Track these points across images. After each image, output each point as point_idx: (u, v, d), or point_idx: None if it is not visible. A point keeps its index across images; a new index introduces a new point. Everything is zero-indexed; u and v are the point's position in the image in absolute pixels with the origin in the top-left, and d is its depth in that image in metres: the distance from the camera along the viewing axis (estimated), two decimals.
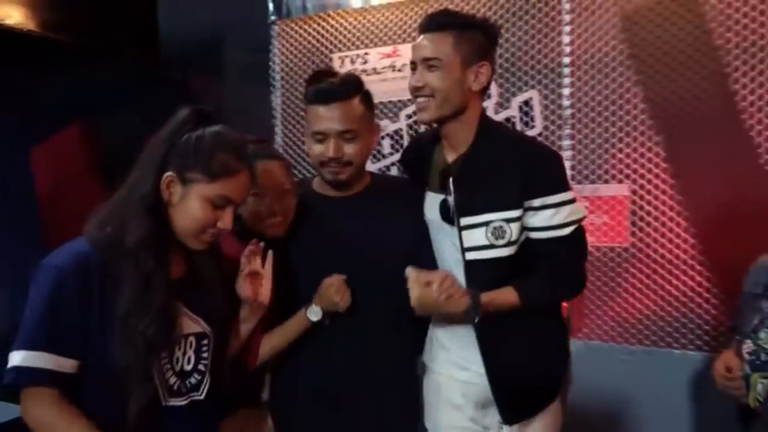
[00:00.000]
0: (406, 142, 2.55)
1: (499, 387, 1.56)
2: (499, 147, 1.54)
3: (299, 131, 2.66)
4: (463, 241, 1.52)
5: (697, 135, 1.96)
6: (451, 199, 1.54)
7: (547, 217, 1.49)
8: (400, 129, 2.60)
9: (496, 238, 1.51)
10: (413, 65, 1.54)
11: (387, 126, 2.59)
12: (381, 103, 2.53)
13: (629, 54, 2.00)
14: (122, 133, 3.24)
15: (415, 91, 1.54)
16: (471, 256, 1.52)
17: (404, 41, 2.48)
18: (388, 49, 2.59)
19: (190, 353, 1.25)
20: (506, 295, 1.51)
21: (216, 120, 1.24)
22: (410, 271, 1.46)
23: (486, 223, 1.51)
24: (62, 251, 1.19)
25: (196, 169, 1.19)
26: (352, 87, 1.54)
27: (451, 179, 1.54)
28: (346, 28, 2.55)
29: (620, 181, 2.11)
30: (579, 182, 2.13)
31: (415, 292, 1.42)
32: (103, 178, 3.52)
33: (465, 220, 1.51)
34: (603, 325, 2.11)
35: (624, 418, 2.07)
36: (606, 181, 2.12)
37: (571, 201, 1.51)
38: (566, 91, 2.14)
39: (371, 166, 2.65)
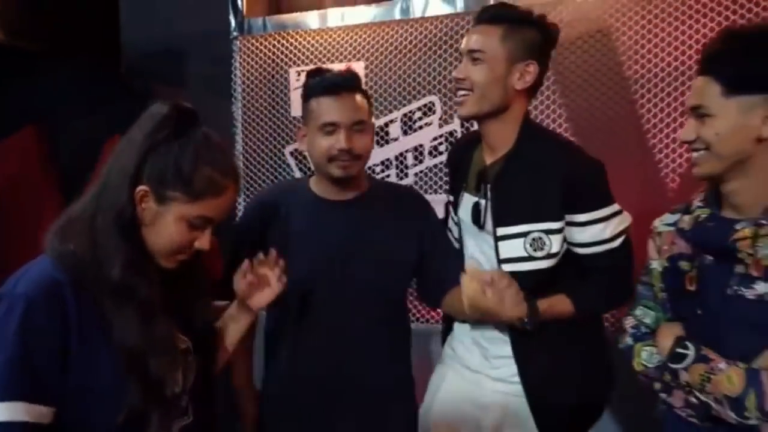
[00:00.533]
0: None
1: (535, 399, 1.46)
2: (542, 152, 1.44)
3: (258, 140, 2.80)
4: (500, 252, 1.44)
5: (610, 150, 2.21)
6: (483, 203, 1.46)
7: (597, 233, 1.41)
8: None
9: (535, 250, 1.41)
10: (460, 56, 1.47)
11: None
12: None
13: (555, 80, 2.26)
14: (79, 140, 3.30)
15: (457, 82, 1.45)
16: (508, 267, 1.42)
17: (357, 59, 2.65)
18: (341, 66, 2.81)
19: (179, 374, 1.09)
20: (562, 304, 1.43)
21: (198, 121, 1.07)
22: (469, 267, 1.36)
23: (525, 234, 1.41)
24: (26, 276, 0.99)
25: (176, 187, 1.02)
26: (357, 80, 1.50)
27: (488, 184, 1.46)
28: (303, 46, 2.71)
29: None
30: None
31: (469, 291, 1.31)
32: (57, 184, 3.54)
33: (501, 230, 1.42)
34: None
35: None
36: None
37: (619, 212, 1.45)
38: None
39: None
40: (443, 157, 2.46)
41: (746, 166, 1.19)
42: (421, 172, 2.58)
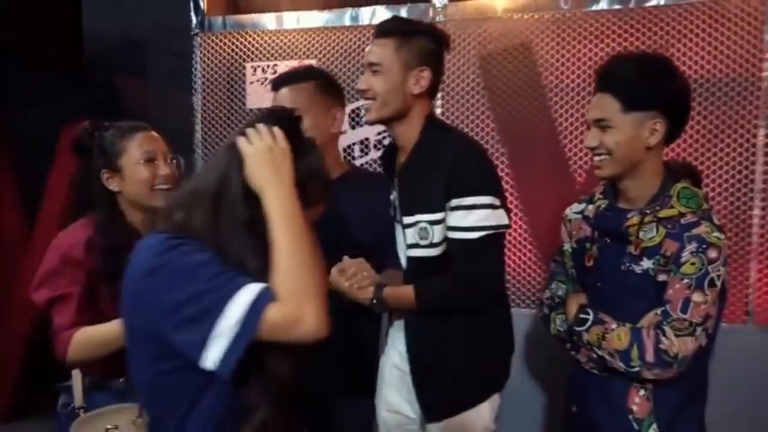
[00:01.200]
0: None
1: (416, 373, 1.57)
2: (437, 145, 1.53)
3: (217, 129, 2.99)
4: (406, 239, 1.56)
5: (530, 150, 2.54)
6: (394, 196, 1.60)
7: (459, 218, 1.46)
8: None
9: (421, 239, 1.51)
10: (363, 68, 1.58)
11: None
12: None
13: (484, 86, 2.57)
14: (36, 125, 3.41)
15: (361, 93, 1.57)
16: (410, 252, 1.55)
17: (308, 57, 2.88)
18: (294, 63, 2.95)
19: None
20: (406, 293, 1.52)
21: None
22: (345, 259, 1.55)
23: (414, 224, 1.52)
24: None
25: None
26: (303, 75, 1.75)
27: (396, 180, 1.59)
28: (259, 44, 2.93)
29: None
30: None
31: (332, 275, 1.52)
32: (10, 165, 3.63)
33: (405, 220, 1.55)
34: None
35: None
36: None
37: (488, 206, 1.47)
38: (438, 110, 2.67)
39: None
40: None
41: (637, 169, 1.46)
42: (366, 163, 2.86)
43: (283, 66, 3.02)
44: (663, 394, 1.46)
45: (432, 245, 1.50)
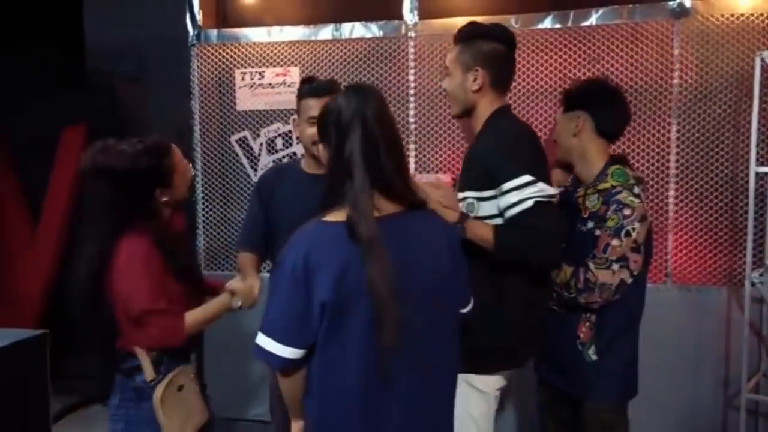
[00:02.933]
0: (294, 141, 3.26)
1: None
2: (487, 137, 1.74)
3: (213, 129, 3.34)
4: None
5: None
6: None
7: (508, 199, 1.64)
8: (290, 130, 3.30)
9: (469, 212, 1.73)
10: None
11: (279, 128, 3.37)
12: (273, 110, 3.28)
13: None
14: (37, 127, 3.65)
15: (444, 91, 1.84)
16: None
17: (293, 65, 3.24)
18: (280, 70, 3.30)
19: None
20: (485, 230, 1.66)
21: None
22: (441, 177, 1.85)
23: (464, 199, 1.74)
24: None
25: None
26: (334, 87, 1.99)
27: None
28: (249, 53, 3.28)
29: (445, 172, 3.13)
30: (420, 171, 3.18)
31: (426, 187, 1.62)
32: (16, 172, 3.85)
33: (458, 195, 1.76)
34: None
35: None
36: (436, 171, 3.12)
37: (526, 183, 1.62)
38: (411, 111, 3.07)
39: (266, 158, 3.48)
40: None
41: (584, 156, 1.99)
42: None
43: (270, 73, 3.40)
44: (601, 325, 1.94)
45: (477, 218, 1.70)
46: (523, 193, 1.62)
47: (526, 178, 1.62)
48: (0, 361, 2.08)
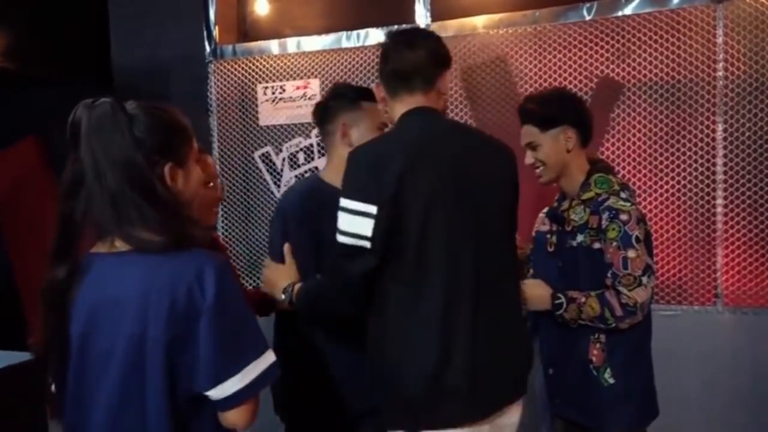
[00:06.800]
0: (316, 155, 3.18)
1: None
2: None
3: (233, 148, 3.30)
4: None
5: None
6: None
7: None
8: (311, 144, 3.22)
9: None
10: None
11: (300, 142, 3.33)
12: (295, 124, 3.20)
13: (466, 96, 2.82)
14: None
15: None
16: None
17: (314, 77, 3.15)
18: (300, 82, 3.23)
19: None
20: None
21: None
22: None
23: None
24: None
25: None
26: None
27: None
28: (266, 68, 3.23)
29: None
30: None
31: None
32: (53, 180, 4.01)
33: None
34: None
35: None
36: None
37: (350, 211, 1.43)
38: None
39: (289, 173, 3.40)
40: None
41: (566, 170, 1.88)
42: None
43: (290, 86, 3.32)
44: (613, 343, 1.79)
45: None
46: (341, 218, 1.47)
47: (349, 203, 1.46)
48: None
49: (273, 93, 3.30)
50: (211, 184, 1.87)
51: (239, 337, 1.11)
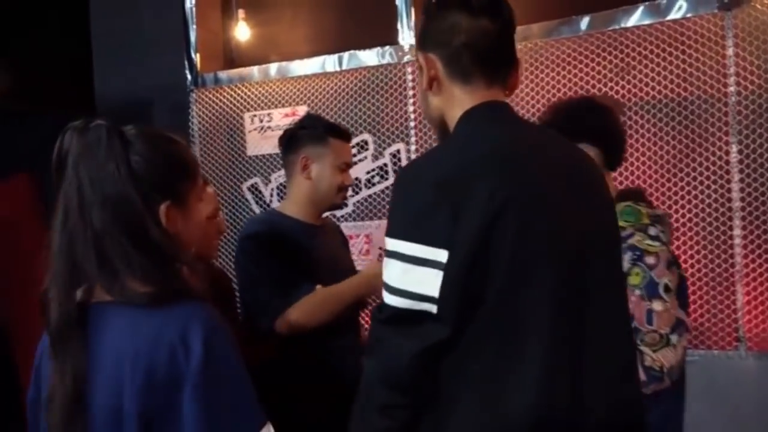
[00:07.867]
0: None
1: None
2: None
3: (219, 179, 3.14)
4: None
5: None
6: None
7: None
8: None
9: None
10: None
11: None
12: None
13: None
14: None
15: None
16: None
17: (302, 103, 3.00)
18: (288, 110, 3.09)
19: None
20: None
21: None
22: None
23: None
24: None
25: None
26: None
27: None
28: (252, 95, 3.09)
29: None
30: None
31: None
32: (47, 223, 3.92)
33: None
34: None
35: None
36: None
37: (405, 258, 0.99)
38: (412, 139, 2.73)
39: (277, 204, 3.22)
40: (377, 188, 2.85)
41: None
42: (358, 201, 2.94)
43: (277, 114, 3.17)
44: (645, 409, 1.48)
45: None
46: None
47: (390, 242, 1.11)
48: None
49: (261, 121, 3.17)
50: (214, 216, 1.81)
51: (230, 411, 0.90)
